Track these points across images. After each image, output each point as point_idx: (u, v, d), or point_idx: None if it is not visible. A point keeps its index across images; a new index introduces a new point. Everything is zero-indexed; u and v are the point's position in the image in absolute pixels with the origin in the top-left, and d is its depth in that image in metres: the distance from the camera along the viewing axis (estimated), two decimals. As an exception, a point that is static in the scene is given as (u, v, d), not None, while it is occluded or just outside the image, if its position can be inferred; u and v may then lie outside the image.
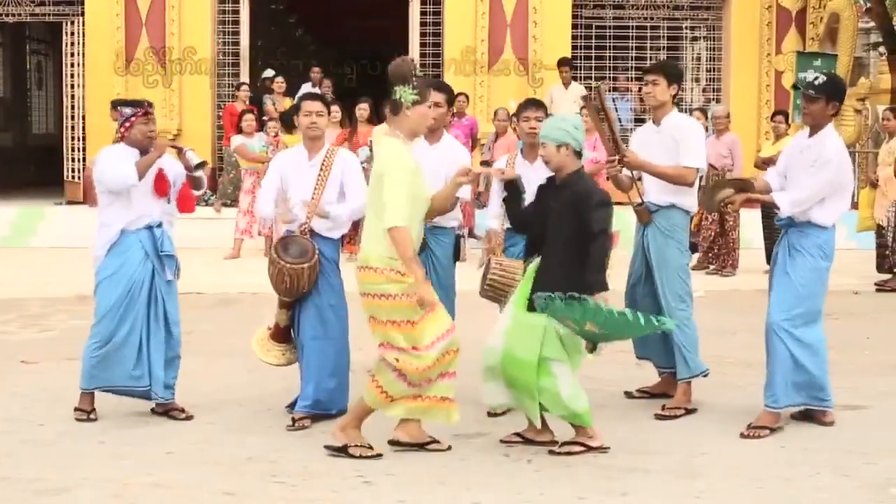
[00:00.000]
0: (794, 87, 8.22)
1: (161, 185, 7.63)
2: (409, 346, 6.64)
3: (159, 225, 7.67)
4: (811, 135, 7.49)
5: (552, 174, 7.04)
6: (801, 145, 7.57)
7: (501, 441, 7.09)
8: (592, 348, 6.73)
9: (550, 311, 6.62)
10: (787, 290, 7.45)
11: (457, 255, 8.10)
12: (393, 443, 6.91)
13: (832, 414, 7.57)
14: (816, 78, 7.54)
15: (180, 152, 7.91)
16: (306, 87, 19.56)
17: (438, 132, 7.91)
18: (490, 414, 7.72)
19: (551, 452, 6.83)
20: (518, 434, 7.10)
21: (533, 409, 6.88)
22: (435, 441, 6.94)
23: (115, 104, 8.00)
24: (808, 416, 7.62)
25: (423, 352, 6.64)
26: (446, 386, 6.81)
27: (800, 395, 7.47)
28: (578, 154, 6.90)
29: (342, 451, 6.79)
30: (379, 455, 6.76)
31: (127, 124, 7.62)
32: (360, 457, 6.72)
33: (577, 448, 6.83)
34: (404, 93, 6.69)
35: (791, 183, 7.53)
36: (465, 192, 8.44)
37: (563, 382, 6.76)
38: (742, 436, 7.27)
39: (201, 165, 7.79)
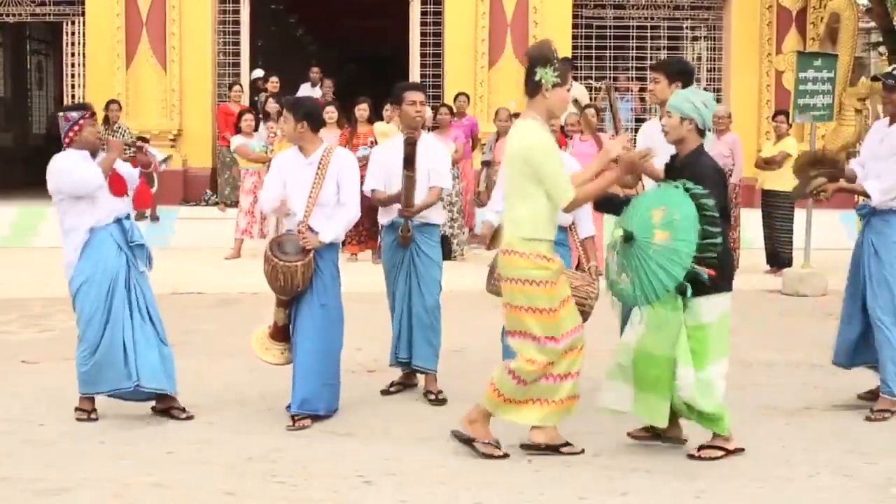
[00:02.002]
0: (874, 78, 8.53)
1: (118, 186, 7.63)
2: (543, 335, 6.57)
3: (127, 216, 7.69)
4: (891, 123, 7.81)
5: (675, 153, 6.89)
6: (881, 134, 7.87)
7: (629, 434, 7.02)
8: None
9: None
10: (881, 280, 7.74)
11: (446, 253, 8.13)
12: (526, 446, 6.85)
13: None
14: (895, 68, 7.85)
15: (140, 150, 7.98)
16: (305, 88, 19.56)
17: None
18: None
19: (690, 456, 6.70)
20: (645, 429, 7.03)
21: (659, 409, 6.70)
22: (568, 444, 6.87)
23: (63, 109, 8.00)
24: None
25: (552, 344, 6.57)
26: (572, 385, 6.72)
27: None
28: (701, 132, 6.75)
29: (468, 443, 6.76)
30: (506, 455, 6.71)
31: (76, 128, 7.59)
32: (484, 455, 6.68)
33: (718, 452, 6.69)
34: (545, 74, 6.59)
35: (870, 171, 7.81)
36: (447, 183, 8.52)
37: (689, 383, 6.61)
38: (867, 419, 7.61)
39: (166, 160, 7.80)
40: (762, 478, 6.43)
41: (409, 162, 8.06)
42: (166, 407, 7.69)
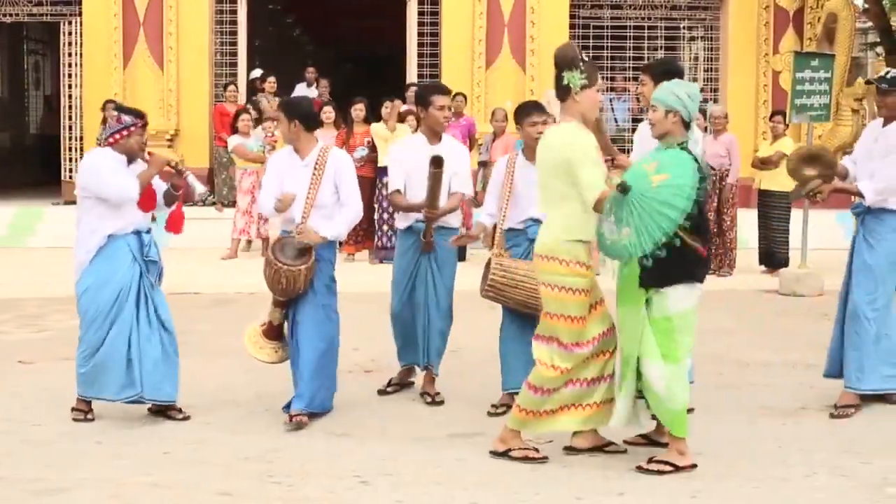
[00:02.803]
0: (868, 82, 8.61)
1: (147, 201, 7.57)
2: (570, 341, 6.55)
3: (148, 231, 7.63)
4: (885, 125, 7.93)
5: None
6: (876, 133, 8.00)
7: (625, 441, 6.99)
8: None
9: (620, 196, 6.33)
10: (868, 275, 7.83)
11: (461, 255, 8.11)
12: (569, 449, 6.85)
13: None
14: (888, 72, 8.01)
15: (180, 174, 7.78)
16: (301, 88, 19.56)
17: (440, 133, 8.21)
18: (490, 413, 7.75)
19: (638, 468, 6.57)
20: (642, 436, 7.00)
21: (618, 410, 6.63)
22: (612, 443, 6.87)
23: (117, 108, 7.90)
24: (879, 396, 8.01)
25: (577, 350, 6.56)
26: (607, 387, 6.69)
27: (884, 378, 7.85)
28: (686, 124, 6.62)
29: (505, 455, 6.72)
30: (545, 459, 6.68)
31: (125, 132, 7.52)
32: (525, 458, 6.66)
33: (667, 468, 6.52)
34: (572, 77, 6.54)
35: (863, 171, 7.95)
36: (469, 189, 8.46)
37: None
38: (831, 416, 7.67)
39: (205, 195, 7.67)
40: (758, 477, 6.44)
41: (439, 182, 7.96)
42: (163, 408, 7.69)
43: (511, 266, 7.72)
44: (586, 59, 6.70)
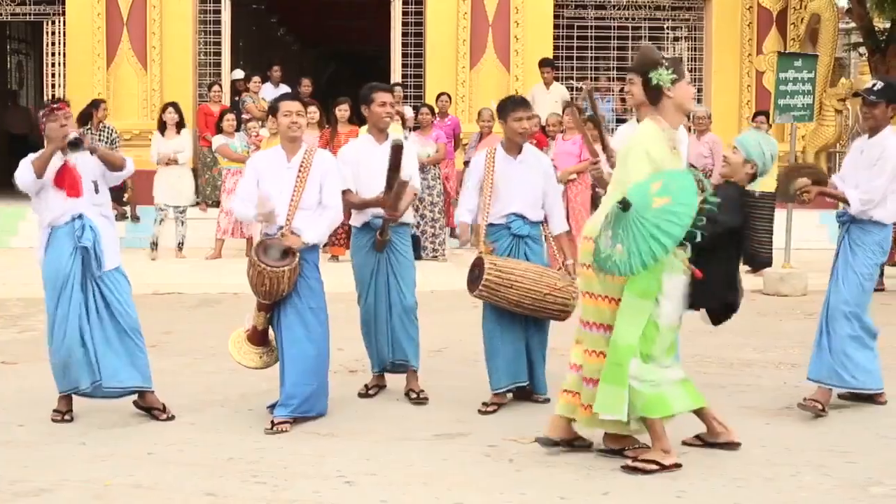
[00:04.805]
0: (856, 94, 8.65)
1: (72, 186, 7.44)
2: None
3: (80, 216, 7.49)
4: (871, 136, 8.00)
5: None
6: (861, 146, 8.07)
7: (686, 443, 6.98)
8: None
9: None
10: (851, 283, 7.88)
11: (416, 253, 8.08)
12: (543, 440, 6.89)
13: (884, 394, 8.07)
14: (875, 84, 8.08)
15: (76, 146, 7.39)
16: (267, 88, 19.31)
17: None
18: (481, 412, 7.75)
19: (624, 468, 6.57)
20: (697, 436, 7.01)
21: (618, 400, 6.53)
22: (580, 437, 6.90)
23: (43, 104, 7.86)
24: (858, 396, 8.09)
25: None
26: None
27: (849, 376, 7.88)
28: (753, 177, 7.00)
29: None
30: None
31: (41, 126, 7.52)
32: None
33: (652, 466, 6.51)
34: (660, 75, 6.60)
35: (849, 181, 8.02)
36: (418, 183, 8.46)
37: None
38: (799, 405, 7.74)
39: (74, 144, 7.30)
40: (743, 477, 6.44)
41: (397, 167, 7.94)
42: (148, 406, 7.66)
43: (505, 266, 7.71)
44: (668, 56, 6.81)
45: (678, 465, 6.53)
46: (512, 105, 8.04)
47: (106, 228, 7.63)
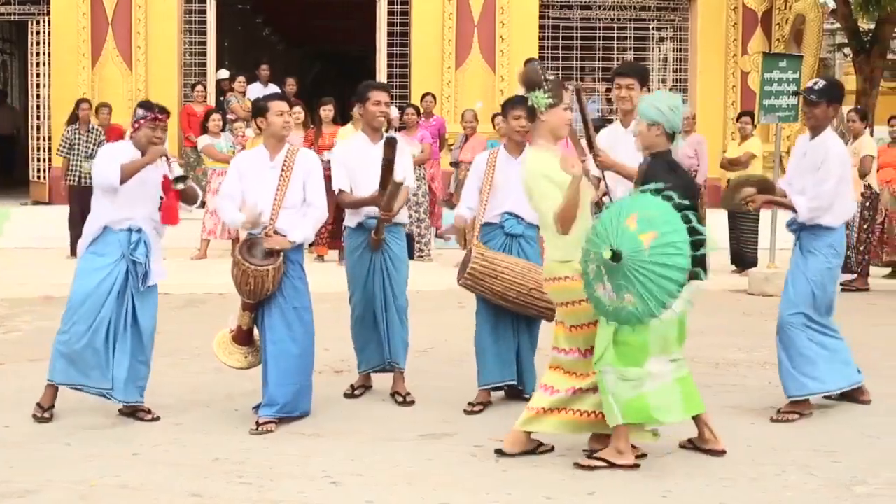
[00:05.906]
0: (796, 93, 8.60)
1: (170, 215, 7.71)
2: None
3: (139, 230, 7.56)
4: (812, 138, 7.87)
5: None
6: (804, 148, 7.92)
7: (681, 445, 6.99)
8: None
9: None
10: (802, 289, 7.82)
11: (410, 252, 8.07)
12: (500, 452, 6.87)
13: (867, 391, 8.10)
14: (816, 83, 7.94)
15: (167, 160, 7.65)
16: (256, 88, 19.30)
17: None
18: (467, 412, 7.75)
19: (576, 465, 6.60)
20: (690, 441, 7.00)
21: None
22: (542, 444, 6.89)
23: (141, 103, 7.87)
24: (843, 395, 8.09)
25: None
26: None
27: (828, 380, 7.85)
28: (671, 136, 6.75)
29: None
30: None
31: (136, 125, 7.59)
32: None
33: (598, 464, 6.55)
34: (537, 98, 6.65)
35: (795, 186, 7.88)
36: (413, 182, 8.46)
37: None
38: (772, 420, 7.67)
39: (181, 179, 7.53)
40: (729, 477, 6.46)
41: (391, 161, 7.96)
42: (132, 409, 7.65)
43: (492, 257, 7.73)
44: (551, 77, 6.77)
45: (635, 466, 6.53)
46: (511, 104, 8.06)
47: (156, 244, 7.72)
